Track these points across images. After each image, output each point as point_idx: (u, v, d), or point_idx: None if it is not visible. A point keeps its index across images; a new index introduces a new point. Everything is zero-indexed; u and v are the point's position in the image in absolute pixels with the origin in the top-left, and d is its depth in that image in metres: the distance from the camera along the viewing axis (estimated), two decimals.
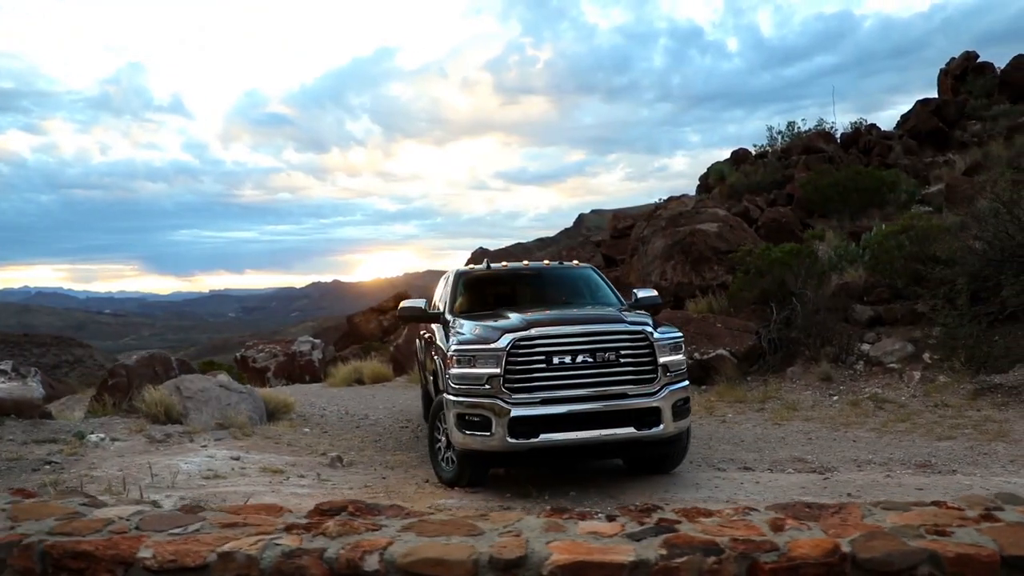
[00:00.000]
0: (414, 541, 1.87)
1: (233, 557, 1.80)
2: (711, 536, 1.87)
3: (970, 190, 17.67)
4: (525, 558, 1.76)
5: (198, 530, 2.01)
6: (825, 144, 24.85)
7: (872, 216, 19.24)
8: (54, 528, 2.06)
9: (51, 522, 2.11)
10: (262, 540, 1.88)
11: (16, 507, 2.26)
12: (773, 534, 1.92)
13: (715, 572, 1.74)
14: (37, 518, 2.15)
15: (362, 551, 1.80)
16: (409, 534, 1.95)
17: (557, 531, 1.97)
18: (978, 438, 7.37)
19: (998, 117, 24.25)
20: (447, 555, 1.76)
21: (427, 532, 1.95)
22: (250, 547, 1.83)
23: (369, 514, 2.19)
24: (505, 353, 5.83)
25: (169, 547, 1.86)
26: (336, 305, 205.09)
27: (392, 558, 1.78)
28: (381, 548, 1.82)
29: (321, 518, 2.15)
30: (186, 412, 9.39)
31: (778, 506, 2.24)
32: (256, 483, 6.81)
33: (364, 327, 28.88)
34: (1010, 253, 10.11)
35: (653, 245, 17.60)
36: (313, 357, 22.19)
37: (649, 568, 1.74)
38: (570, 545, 1.82)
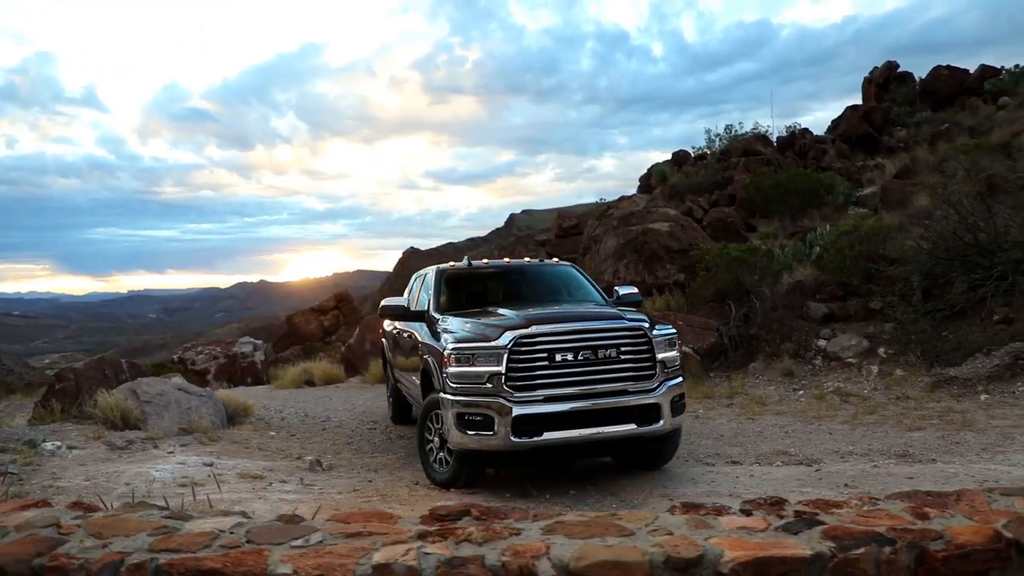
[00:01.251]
0: (570, 544, 1.77)
1: (391, 569, 1.66)
2: (867, 527, 1.84)
3: (903, 193, 18.53)
4: (703, 557, 1.68)
5: (322, 541, 1.85)
6: (763, 147, 25.61)
7: (812, 217, 19.93)
8: (153, 545, 1.86)
9: (145, 538, 1.91)
10: (407, 548, 1.75)
11: (91, 523, 2.04)
12: (922, 522, 1.91)
13: (891, 562, 1.71)
14: (126, 534, 1.94)
15: (530, 557, 1.69)
16: (557, 536, 1.85)
17: (704, 527, 1.90)
18: (946, 428, 7.69)
19: (921, 124, 25.51)
20: (622, 557, 1.67)
21: (576, 534, 1.86)
22: (403, 557, 1.69)
23: (495, 517, 2.07)
24: (507, 351, 5.74)
25: (307, 560, 1.71)
26: (263, 306, 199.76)
27: (564, 562, 1.67)
28: (543, 553, 1.71)
29: (445, 524, 2.02)
30: (144, 417, 8.91)
31: (902, 494, 2.23)
32: (238, 490, 6.50)
33: (304, 328, 28.19)
34: (957, 252, 10.62)
35: (605, 244, 17.75)
36: (255, 359, 21.50)
37: (825, 561, 1.69)
38: (735, 541, 1.76)
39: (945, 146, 22.07)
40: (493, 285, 7.93)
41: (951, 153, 20.41)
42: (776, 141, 26.82)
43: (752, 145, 25.58)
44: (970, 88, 26.38)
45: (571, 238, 26.17)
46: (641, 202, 17.79)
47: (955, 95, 26.45)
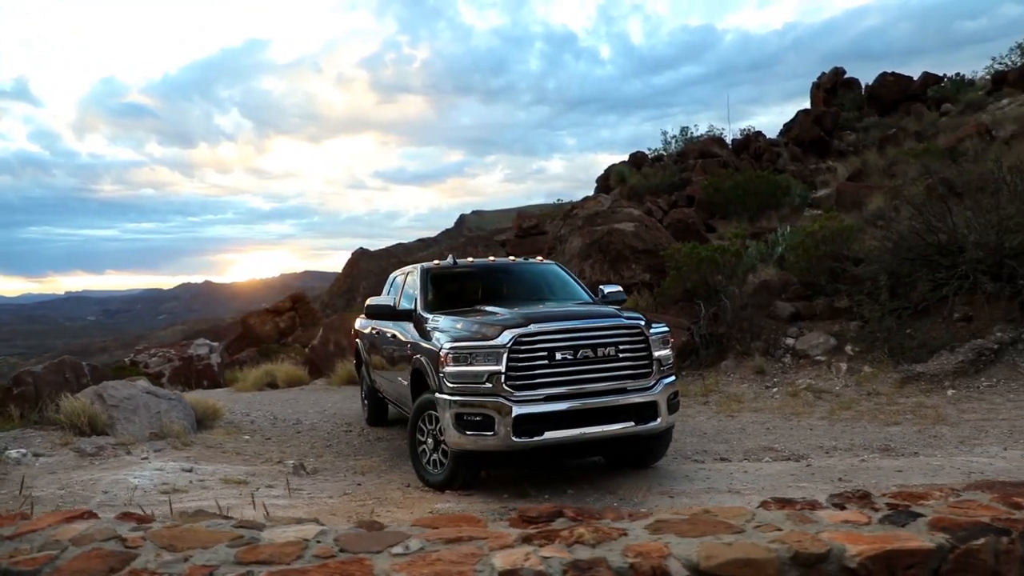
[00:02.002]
0: (685, 543, 1.72)
1: (518, 574, 1.58)
2: (970, 518, 1.84)
3: (857, 195, 19.07)
4: (830, 552, 1.65)
5: (422, 548, 1.76)
6: (719, 149, 26.07)
7: (770, 218, 20.37)
8: (240, 556, 1.74)
9: (225, 549, 1.79)
10: (526, 553, 1.67)
11: (157, 534, 1.90)
12: (1018, 512, 1.91)
13: (1009, 552, 1.71)
14: (202, 545, 1.81)
15: (657, 557, 1.63)
16: (667, 535, 1.79)
17: (807, 522, 1.87)
18: (921, 423, 7.91)
19: (869, 128, 26.34)
20: (751, 554, 1.63)
21: (686, 532, 1.81)
22: (526, 561, 1.61)
23: (591, 517, 2.00)
24: (507, 349, 5.67)
25: (420, 569, 1.61)
26: (208, 307, 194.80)
27: (694, 562, 1.62)
28: (667, 553, 1.66)
29: (539, 526, 1.95)
30: (112, 422, 8.54)
31: (982, 484, 2.25)
32: (224, 496, 6.27)
33: (259, 329, 27.56)
34: (919, 252, 10.95)
35: (570, 244, 17.79)
36: (212, 361, 20.88)
37: (945, 552, 1.68)
38: (849, 535, 1.74)
39: (893, 150, 22.83)
40: (479, 284, 7.85)
41: (900, 157, 21.12)
42: (731, 144, 27.34)
43: (709, 147, 26.02)
44: (914, 94, 27.35)
45: (531, 238, 26.19)
46: (606, 202, 17.89)
47: (900, 101, 27.38)
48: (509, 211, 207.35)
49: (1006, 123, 19.85)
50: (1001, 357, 9.39)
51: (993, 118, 21.52)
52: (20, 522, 2.11)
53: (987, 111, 23.27)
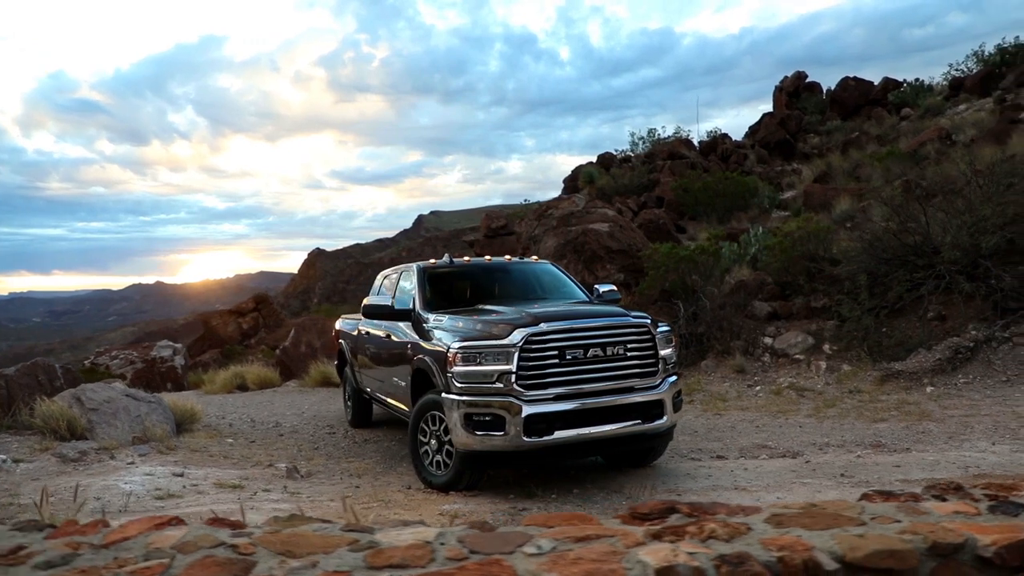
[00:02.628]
0: (816, 536, 1.71)
1: (675, 571, 1.55)
2: None
3: (825, 196, 19.49)
4: (965, 543, 1.66)
5: (555, 548, 1.71)
6: (687, 151, 26.39)
7: (739, 219, 20.70)
8: (371, 561, 1.67)
9: (350, 554, 1.71)
10: (671, 549, 1.64)
11: (268, 540, 1.82)
12: None
13: None
14: (323, 551, 1.74)
15: (804, 550, 1.62)
16: (793, 528, 1.78)
17: (920, 514, 1.89)
18: (907, 419, 8.10)
19: (832, 132, 26.94)
20: (892, 546, 1.63)
21: (810, 526, 1.80)
22: (678, 558, 1.58)
23: (705, 513, 1.98)
24: (518, 349, 5.63)
25: (570, 569, 1.56)
26: (160, 309, 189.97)
27: (839, 553, 1.62)
28: (811, 546, 1.65)
29: (659, 522, 1.92)
30: (91, 426, 8.26)
31: None
32: (221, 500, 6.11)
33: (222, 330, 26.99)
34: (895, 253, 11.23)
35: (545, 244, 17.81)
36: (176, 363, 20.37)
37: None
38: (972, 526, 1.75)
39: (857, 153, 23.39)
40: (477, 283, 7.79)
41: (864, 160, 21.65)
42: (699, 145, 27.70)
43: (677, 149, 26.32)
44: (875, 99, 28.07)
45: (500, 238, 26.14)
46: (580, 202, 17.97)
47: (861, 105, 28.08)
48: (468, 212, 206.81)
49: (966, 128, 20.50)
50: (977, 355, 9.68)
51: (952, 123, 22.21)
52: (103, 529, 2.01)
53: (946, 116, 24.01)
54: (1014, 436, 7.10)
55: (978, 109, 23.35)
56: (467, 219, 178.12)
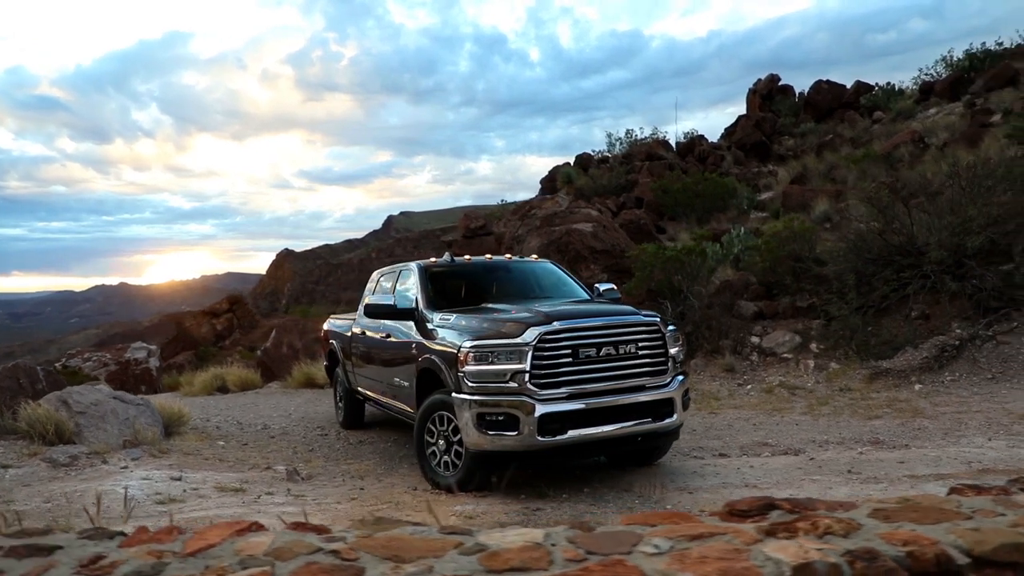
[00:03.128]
0: (931, 530, 1.70)
1: (812, 568, 1.52)
2: None
3: (803, 198, 19.76)
4: None
5: (673, 547, 1.67)
6: (665, 152, 26.58)
7: (719, 220, 20.89)
8: (488, 564, 1.61)
9: (463, 558, 1.65)
10: (800, 546, 1.61)
11: (368, 544, 1.75)
12: None
13: None
14: (432, 554, 1.68)
15: (931, 544, 1.60)
16: (903, 523, 1.77)
17: (1016, 507, 1.88)
18: (900, 416, 8.23)
19: (806, 134, 27.33)
20: (1015, 540, 1.62)
21: (919, 520, 1.78)
22: (810, 555, 1.55)
23: (807, 509, 1.96)
24: (531, 348, 5.59)
25: (703, 567, 1.53)
26: (124, 310, 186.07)
27: (965, 548, 1.60)
28: (937, 540, 1.63)
29: (760, 519, 1.89)
30: (79, 430, 8.03)
31: None
32: (227, 504, 5.98)
33: (196, 331, 26.54)
34: (880, 253, 11.41)
35: (528, 244, 17.80)
36: (150, 365, 19.98)
37: None
38: None
39: (831, 155, 23.75)
40: (479, 282, 7.72)
41: (840, 162, 21.99)
42: (676, 147, 27.92)
43: (655, 150, 26.49)
44: (847, 102, 28.54)
45: (479, 238, 26.09)
46: (563, 202, 17.99)
47: (834, 108, 28.53)
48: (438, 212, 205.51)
49: (938, 131, 20.93)
50: (962, 353, 9.87)
51: (924, 126, 22.67)
52: (180, 537, 1.92)
53: (917, 119, 24.50)
54: (1008, 432, 7.24)
55: (948, 113, 23.87)
56: (437, 220, 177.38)
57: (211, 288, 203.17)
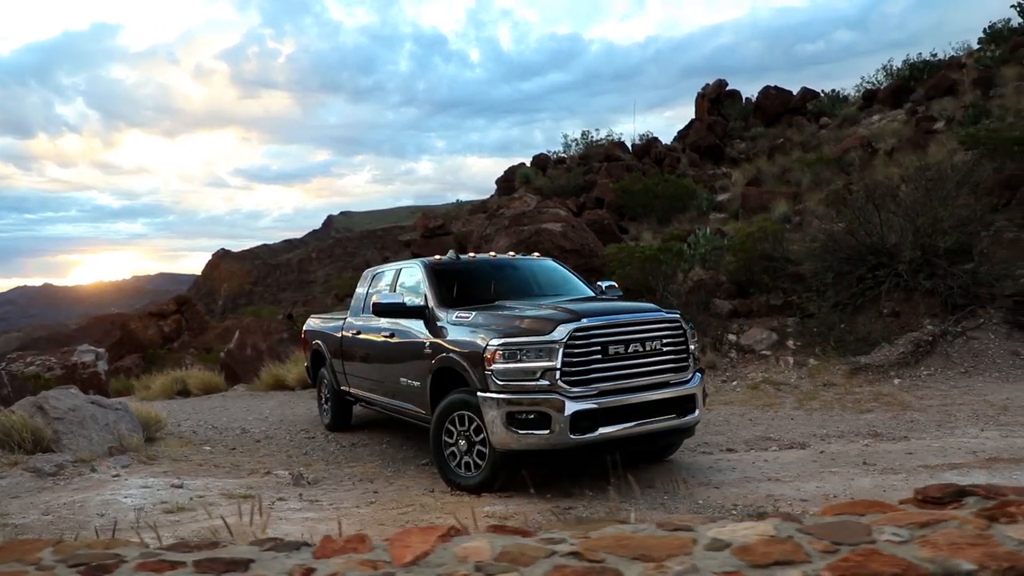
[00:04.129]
0: None
1: None
2: None
3: (761, 199, 20.24)
4: None
5: (912, 536, 1.64)
6: (622, 153, 26.88)
7: (680, 220, 21.23)
8: (746, 557, 1.56)
9: (714, 553, 1.59)
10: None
11: (603, 544, 1.66)
12: None
13: None
14: (681, 551, 1.61)
15: None
16: None
17: None
18: (890, 410, 8.48)
19: (757, 138, 28.04)
20: None
21: None
22: None
23: (999, 494, 1.96)
24: (562, 345, 5.53)
25: (972, 553, 1.51)
26: (48, 312, 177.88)
27: None
28: None
29: (958, 505, 1.87)
30: (58, 437, 7.59)
31: None
32: (240, 512, 5.70)
33: (142, 333, 25.53)
34: (852, 252, 11.76)
35: (497, 244, 17.70)
36: (99, 368, 19.06)
37: None
38: None
39: (783, 158, 24.44)
40: (486, 280, 7.60)
41: (794, 165, 22.63)
42: (632, 148, 28.26)
43: (613, 151, 26.76)
44: (795, 108, 29.41)
45: (437, 238, 25.88)
46: (531, 202, 17.97)
47: (782, 113, 29.36)
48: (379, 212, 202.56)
49: (885, 137, 21.74)
50: (935, 348, 10.26)
51: (870, 131, 23.52)
52: (379, 544, 1.80)
53: (862, 125, 25.42)
54: (996, 422, 7.53)
55: (892, 120, 24.83)
56: (379, 220, 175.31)
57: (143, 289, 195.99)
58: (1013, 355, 9.96)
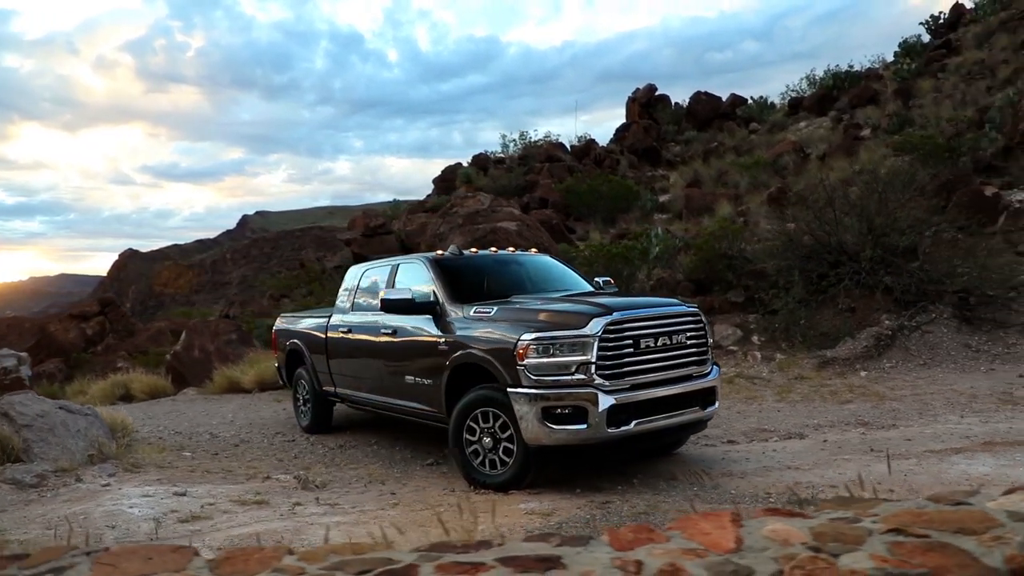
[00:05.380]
0: None
1: None
2: None
3: (704, 201, 20.81)
4: None
5: None
6: (563, 154, 27.13)
7: (626, 221, 21.60)
8: None
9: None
10: None
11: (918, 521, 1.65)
12: None
13: None
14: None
15: None
16: None
17: None
18: (868, 400, 8.85)
19: (691, 141, 28.84)
20: None
21: None
22: None
23: None
24: (596, 339, 5.51)
25: None
26: None
27: None
28: None
29: None
30: (28, 446, 7.03)
31: None
32: (263, 519, 5.45)
33: (62, 336, 24.00)
34: (811, 251, 12.25)
35: (451, 241, 17.55)
36: (22, 374, 17.74)
37: None
38: None
39: (718, 161, 25.21)
40: (494, 275, 7.47)
41: (731, 168, 23.38)
42: (571, 149, 28.57)
43: (553, 152, 26.97)
44: (724, 113, 30.41)
45: (378, 237, 25.48)
46: (485, 201, 17.90)
47: (712, 118, 30.31)
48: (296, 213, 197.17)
49: (815, 142, 22.75)
50: (895, 342, 10.79)
51: (799, 137, 24.57)
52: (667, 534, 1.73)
53: (789, 131, 26.52)
54: (971, 410, 7.98)
55: (818, 126, 26.02)
56: (296, 220, 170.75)
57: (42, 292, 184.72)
58: (965, 347, 10.59)
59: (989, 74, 20.64)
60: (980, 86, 19.92)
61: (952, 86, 21.37)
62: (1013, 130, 15.42)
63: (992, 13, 24.92)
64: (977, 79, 20.60)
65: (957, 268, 11.68)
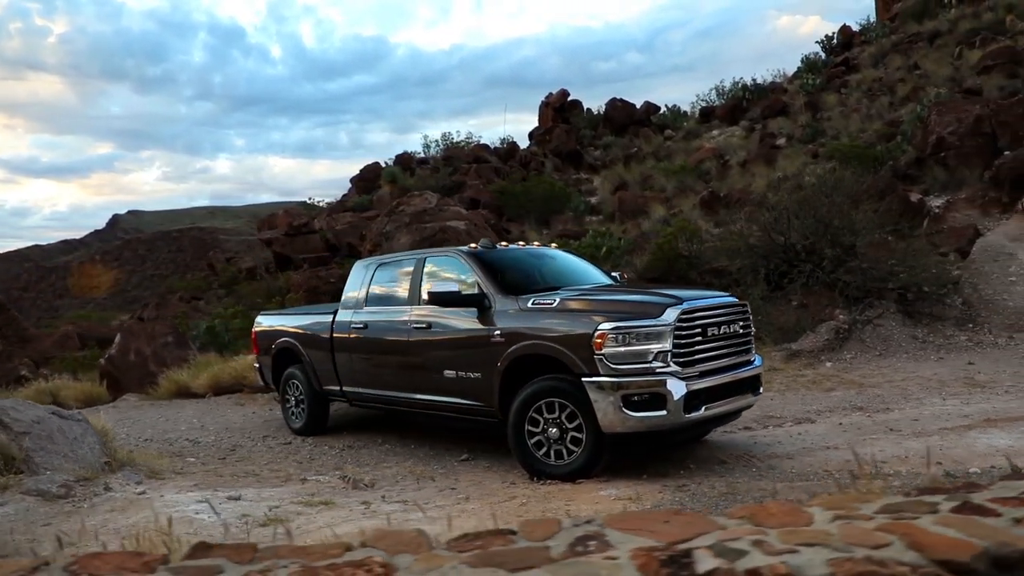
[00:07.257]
0: None
1: None
2: None
3: (637, 203, 21.48)
4: None
5: None
6: (489, 155, 27.24)
7: (562, 222, 21.96)
8: None
9: None
10: None
11: None
12: None
13: None
14: None
15: None
16: None
17: None
18: (849, 388, 9.46)
19: (610, 146, 29.67)
20: None
21: None
22: None
23: None
24: (672, 327, 5.66)
25: None
26: None
27: None
28: None
29: None
30: (28, 455, 6.38)
31: None
32: (350, 517, 5.22)
33: None
34: (767, 251, 12.96)
35: (398, 241, 17.29)
36: None
37: None
38: None
39: (639, 166, 26.09)
40: (531, 268, 7.47)
41: (654, 172, 24.25)
42: (496, 151, 28.72)
43: (480, 153, 27.03)
44: (639, 120, 31.48)
45: (302, 236, 24.73)
46: (432, 200, 17.72)
47: (628, 124, 31.29)
48: (172, 212, 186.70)
49: (733, 150, 23.99)
50: (852, 335, 11.59)
51: (716, 144, 25.83)
52: None
53: (703, 138, 27.82)
54: (948, 393, 8.70)
55: (730, 135, 27.45)
56: (172, 220, 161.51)
57: None
58: (913, 339, 11.52)
59: (888, 91, 22.52)
60: (883, 101, 21.72)
61: (856, 101, 23.15)
62: (923, 143, 16.91)
63: (883, 35, 27.19)
64: (879, 95, 22.43)
65: (894, 267, 12.69)
